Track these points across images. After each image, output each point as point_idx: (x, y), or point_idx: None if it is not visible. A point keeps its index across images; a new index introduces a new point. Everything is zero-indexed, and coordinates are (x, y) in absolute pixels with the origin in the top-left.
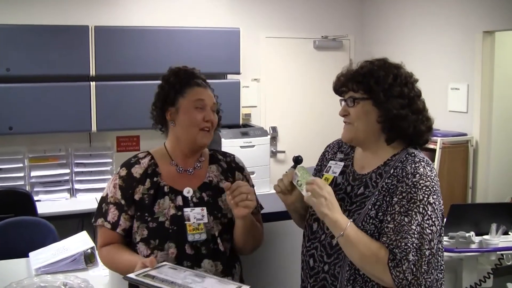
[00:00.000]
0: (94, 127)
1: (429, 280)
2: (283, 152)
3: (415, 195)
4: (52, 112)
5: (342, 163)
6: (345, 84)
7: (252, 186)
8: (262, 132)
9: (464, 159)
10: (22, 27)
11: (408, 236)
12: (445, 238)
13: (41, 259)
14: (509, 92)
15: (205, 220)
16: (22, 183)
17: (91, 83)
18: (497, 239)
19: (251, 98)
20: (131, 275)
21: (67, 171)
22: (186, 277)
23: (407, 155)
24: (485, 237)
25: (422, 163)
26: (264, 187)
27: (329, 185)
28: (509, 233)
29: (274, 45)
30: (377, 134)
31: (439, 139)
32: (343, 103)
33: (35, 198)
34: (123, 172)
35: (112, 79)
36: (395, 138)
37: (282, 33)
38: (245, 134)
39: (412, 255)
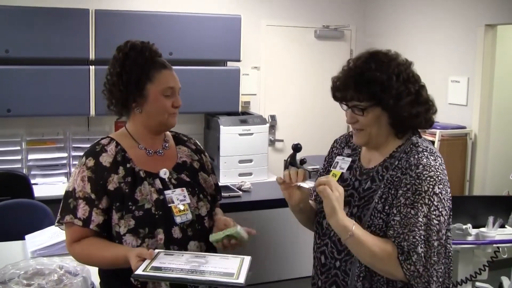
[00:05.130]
0: (92, 111)
1: (440, 270)
2: (282, 140)
3: (419, 186)
4: (51, 95)
5: (350, 159)
6: (346, 92)
7: (212, 172)
8: (261, 120)
9: (463, 152)
10: (22, 8)
11: (416, 229)
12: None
13: (37, 242)
14: (509, 86)
15: (188, 200)
16: (20, 166)
17: (91, 67)
18: (494, 232)
19: (250, 86)
20: (139, 272)
21: (65, 155)
22: (188, 261)
23: (411, 146)
24: (482, 229)
25: (425, 153)
26: (262, 175)
27: (337, 181)
28: (506, 226)
29: (275, 33)
30: (387, 132)
31: (438, 131)
32: (344, 106)
33: (32, 181)
34: (91, 162)
35: None
36: (406, 132)
37: (283, 21)
38: (244, 122)
39: (421, 247)
